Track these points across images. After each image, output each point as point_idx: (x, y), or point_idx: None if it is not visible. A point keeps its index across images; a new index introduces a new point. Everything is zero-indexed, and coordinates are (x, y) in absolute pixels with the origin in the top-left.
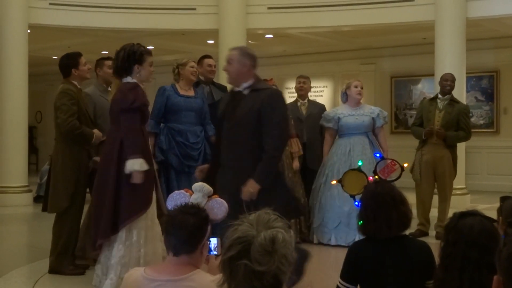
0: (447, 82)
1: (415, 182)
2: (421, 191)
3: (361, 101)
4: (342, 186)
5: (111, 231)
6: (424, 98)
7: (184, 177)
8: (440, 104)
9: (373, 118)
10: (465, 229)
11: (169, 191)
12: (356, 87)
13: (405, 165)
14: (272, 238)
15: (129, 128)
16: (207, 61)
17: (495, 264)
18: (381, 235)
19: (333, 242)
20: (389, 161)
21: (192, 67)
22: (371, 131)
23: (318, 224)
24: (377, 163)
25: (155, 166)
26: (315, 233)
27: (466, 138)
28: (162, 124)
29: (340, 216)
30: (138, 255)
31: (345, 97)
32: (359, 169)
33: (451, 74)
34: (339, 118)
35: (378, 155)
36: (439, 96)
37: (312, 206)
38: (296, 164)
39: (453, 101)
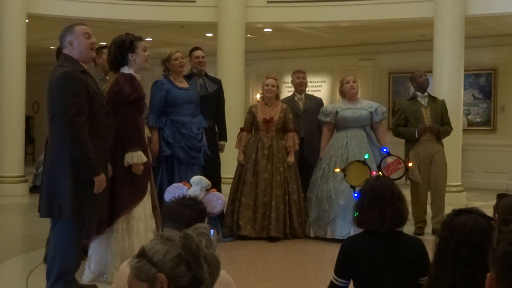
0: (425, 78)
1: (414, 181)
2: (419, 189)
3: (359, 96)
4: (345, 175)
5: (106, 224)
6: (397, 100)
7: (188, 169)
8: (423, 101)
9: (371, 113)
10: (458, 227)
11: (172, 184)
12: (347, 82)
13: (410, 164)
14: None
15: (126, 120)
16: (195, 53)
17: (487, 262)
18: (373, 227)
19: (329, 235)
20: (395, 158)
21: (176, 59)
22: (369, 125)
23: (315, 218)
24: (382, 159)
25: (151, 159)
26: (311, 226)
27: (450, 132)
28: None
29: (335, 210)
30: (137, 245)
31: (343, 94)
32: (364, 162)
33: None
34: (337, 112)
35: (385, 150)
36: (418, 94)
37: (309, 200)
38: (290, 159)
39: (432, 97)
